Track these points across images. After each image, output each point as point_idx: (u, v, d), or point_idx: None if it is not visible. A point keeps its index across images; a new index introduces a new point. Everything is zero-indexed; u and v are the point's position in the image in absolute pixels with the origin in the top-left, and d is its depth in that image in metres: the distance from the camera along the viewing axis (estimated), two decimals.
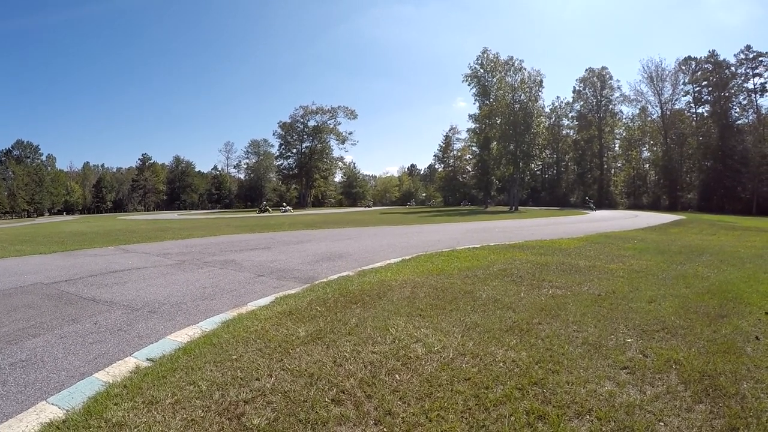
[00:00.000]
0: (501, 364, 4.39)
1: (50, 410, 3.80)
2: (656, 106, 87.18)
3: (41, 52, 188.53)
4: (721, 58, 78.61)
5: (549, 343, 4.98)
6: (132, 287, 8.87)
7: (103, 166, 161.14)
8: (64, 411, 3.76)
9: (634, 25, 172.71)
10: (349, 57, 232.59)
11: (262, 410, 3.60)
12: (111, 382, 4.27)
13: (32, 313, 7.07)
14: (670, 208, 73.01)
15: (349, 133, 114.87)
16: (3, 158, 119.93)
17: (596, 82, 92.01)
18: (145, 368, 4.58)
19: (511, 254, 12.15)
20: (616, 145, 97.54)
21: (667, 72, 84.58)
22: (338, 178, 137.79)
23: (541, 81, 73.73)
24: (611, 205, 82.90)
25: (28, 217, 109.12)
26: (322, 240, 18.46)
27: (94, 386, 4.22)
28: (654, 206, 79.60)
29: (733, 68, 77.83)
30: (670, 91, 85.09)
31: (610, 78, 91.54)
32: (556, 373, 4.18)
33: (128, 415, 3.56)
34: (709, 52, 79.73)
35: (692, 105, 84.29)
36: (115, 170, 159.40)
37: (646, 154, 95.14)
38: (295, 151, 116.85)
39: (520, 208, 71.73)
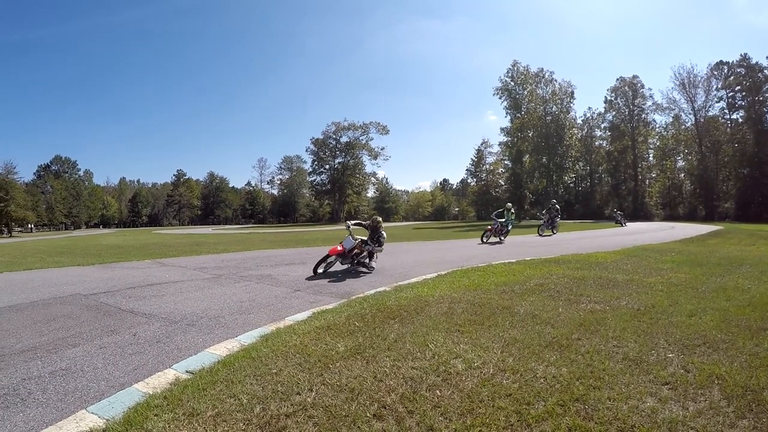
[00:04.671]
0: (542, 380, 4.34)
1: (90, 419, 3.86)
2: (689, 114, 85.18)
3: (79, 69, 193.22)
4: (754, 62, 76.63)
5: (589, 358, 4.91)
6: (170, 300, 8.97)
7: (138, 181, 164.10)
8: (104, 420, 3.81)
9: (663, 31, 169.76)
10: (378, 73, 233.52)
11: (303, 424, 3.60)
12: (151, 393, 4.33)
13: (71, 323, 7.20)
14: (707, 219, 71.41)
15: (382, 149, 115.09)
16: (42, 173, 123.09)
17: (628, 91, 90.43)
18: (185, 380, 4.62)
19: (547, 269, 12.01)
20: (650, 155, 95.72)
21: (699, 78, 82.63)
22: (371, 193, 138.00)
23: (572, 92, 73.56)
24: (647, 217, 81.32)
25: (66, 229, 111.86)
26: None
27: (134, 397, 4.28)
28: (690, 217, 78.01)
29: (766, 71, 75.82)
30: (703, 98, 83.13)
31: (642, 87, 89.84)
32: (597, 389, 4.12)
33: (169, 427, 3.60)
34: (741, 55, 77.91)
35: (726, 111, 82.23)
36: (150, 185, 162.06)
37: (680, 163, 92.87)
38: (327, 166, 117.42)
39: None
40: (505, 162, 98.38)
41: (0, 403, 4.22)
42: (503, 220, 24.37)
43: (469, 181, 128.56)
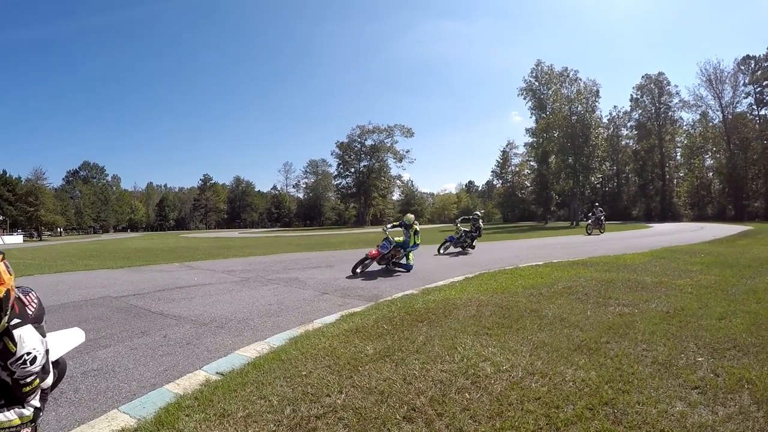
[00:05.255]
0: (570, 384, 4.31)
1: (122, 418, 3.92)
2: (717, 111, 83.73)
3: (106, 76, 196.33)
4: None
5: (618, 362, 4.87)
6: (199, 302, 9.08)
7: (165, 186, 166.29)
8: (136, 420, 3.87)
9: (688, 25, 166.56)
10: (402, 76, 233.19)
11: (334, 426, 3.62)
12: (182, 393, 4.38)
13: (102, 324, 7.32)
14: (736, 219, 70.30)
15: (407, 151, 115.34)
16: (71, 178, 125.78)
17: (653, 88, 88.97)
18: (215, 381, 4.67)
19: (575, 271, 11.93)
20: (678, 154, 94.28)
21: (726, 73, 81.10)
22: (396, 196, 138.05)
23: (598, 91, 72.51)
24: (675, 218, 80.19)
25: (94, 233, 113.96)
26: None
27: (165, 397, 4.33)
28: (719, 217, 76.81)
29: None
30: (731, 94, 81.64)
31: (668, 83, 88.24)
32: (626, 393, 4.08)
33: (200, 427, 3.64)
34: None
35: (754, 107, 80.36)
36: (177, 190, 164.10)
37: (709, 161, 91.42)
38: (353, 170, 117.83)
39: (580, 223, 70.32)
40: (531, 163, 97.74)
41: None
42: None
43: (494, 182, 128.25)
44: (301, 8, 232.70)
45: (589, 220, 33.09)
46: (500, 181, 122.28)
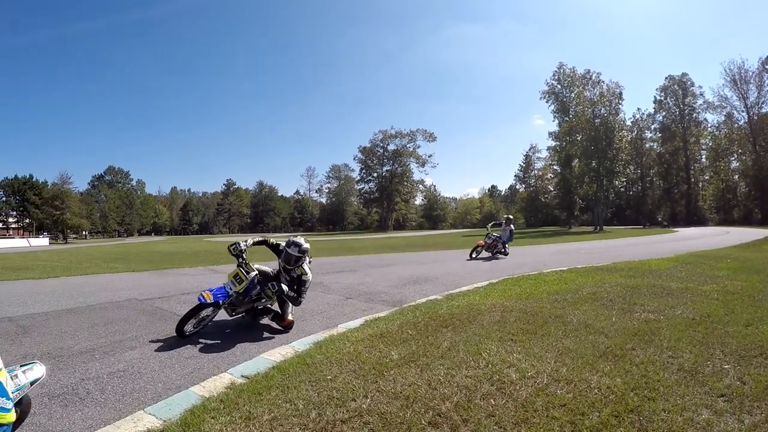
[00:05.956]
0: (596, 391, 4.28)
1: (147, 419, 3.96)
2: (742, 111, 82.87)
3: (132, 82, 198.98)
4: None
5: (644, 369, 4.84)
6: None
7: (189, 190, 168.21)
8: (162, 421, 3.90)
9: (711, 25, 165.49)
10: (424, 80, 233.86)
11: (359, 430, 3.64)
12: (207, 396, 4.41)
13: (128, 326, 7.40)
14: (763, 223, 68.91)
15: (429, 156, 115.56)
16: (96, 183, 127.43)
17: (677, 90, 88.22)
18: (241, 384, 4.70)
19: (599, 277, 11.86)
20: (703, 157, 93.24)
21: (750, 73, 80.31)
22: (419, 200, 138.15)
23: (621, 93, 72.09)
24: (700, 222, 79.19)
25: (119, 237, 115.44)
26: (407, 263, 18.69)
27: (191, 399, 4.37)
28: (746, 221, 75.56)
29: None
30: (756, 94, 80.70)
31: (692, 84, 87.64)
32: (652, 401, 4.05)
33: (226, 429, 3.66)
34: None
35: None
36: (201, 194, 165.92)
37: (734, 164, 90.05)
38: (375, 175, 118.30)
39: (604, 227, 69.72)
40: (554, 167, 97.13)
41: (59, 402, 4.35)
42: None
43: (517, 187, 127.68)
44: (324, 16, 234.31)
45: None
46: (523, 186, 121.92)
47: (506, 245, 20.32)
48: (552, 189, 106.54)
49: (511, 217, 21.89)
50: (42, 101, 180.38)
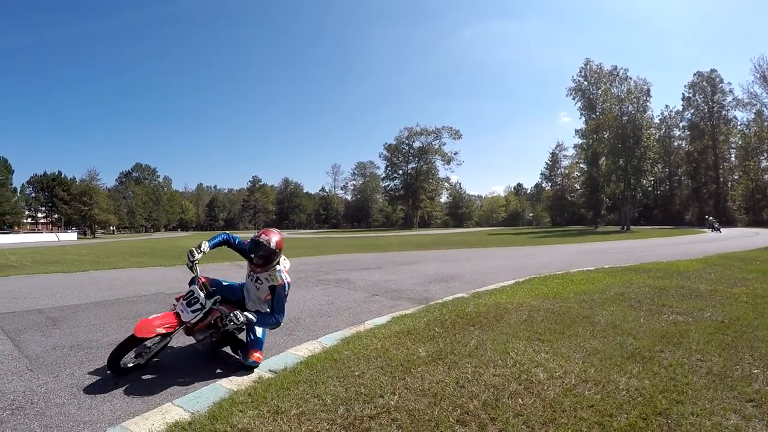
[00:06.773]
0: (624, 392, 4.27)
1: (176, 411, 4.04)
2: None
3: (161, 81, 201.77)
4: None
5: (672, 372, 4.80)
6: None
7: (215, 187, 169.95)
8: (190, 413, 3.98)
9: (740, 20, 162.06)
10: (450, 77, 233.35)
11: (387, 427, 3.66)
12: (235, 390, 4.49)
13: None
14: None
15: (455, 153, 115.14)
16: (124, 179, 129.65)
17: (706, 86, 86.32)
18: (268, 379, 4.77)
19: (627, 277, 11.76)
20: (732, 155, 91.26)
21: None
22: (444, 198, 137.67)
23: (648, 90, 71.10)
24: (729, 223, 77.48)
25: (146, 232, 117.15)
26: (433, 261, 18.65)
27: (219, 392, 4.44)
28: None
29: None
30: None
31: (721, 81, 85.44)
32: (680, 404, 4.03)
33: (254, 422, 3.70)
34: None
35: None
36: (226, 191, 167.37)
37: (765, 163, 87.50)
38: (401, 172, 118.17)
39: (631, 227, 68.87)
40: (581, 165, 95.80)
41: (87, 393, 4.47)
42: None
43: (543, 185, 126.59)
44: (350, 13, 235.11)
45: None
46: (549, 184, 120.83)
47: None
48: (578, 187, 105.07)
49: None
50: (71, 100, 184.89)
